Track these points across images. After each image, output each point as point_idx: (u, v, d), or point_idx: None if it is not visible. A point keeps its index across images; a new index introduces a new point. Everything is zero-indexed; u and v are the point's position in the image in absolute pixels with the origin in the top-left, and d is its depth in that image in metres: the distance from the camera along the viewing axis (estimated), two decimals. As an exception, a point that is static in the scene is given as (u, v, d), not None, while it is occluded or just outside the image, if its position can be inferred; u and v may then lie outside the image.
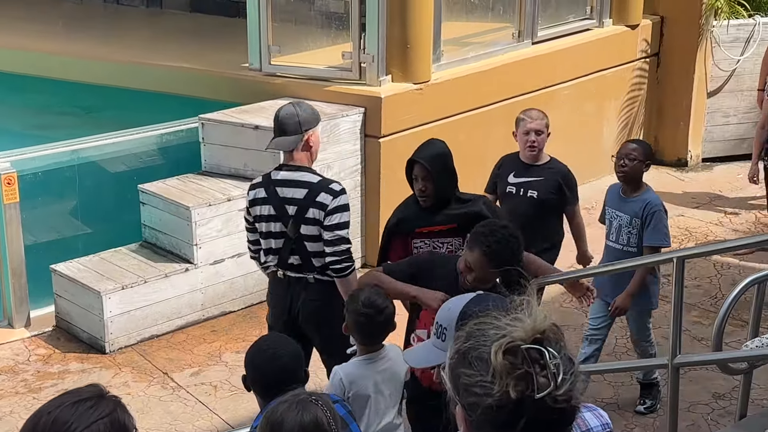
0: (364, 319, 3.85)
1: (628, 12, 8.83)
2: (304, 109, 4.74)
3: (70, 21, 9.99)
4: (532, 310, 1.73)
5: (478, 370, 1.71)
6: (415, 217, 4.67)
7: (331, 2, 7.65)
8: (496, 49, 7.97)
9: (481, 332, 1.75)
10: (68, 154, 6.73)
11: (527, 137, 5.46)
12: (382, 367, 3.91)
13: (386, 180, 6.94)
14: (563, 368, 1.68)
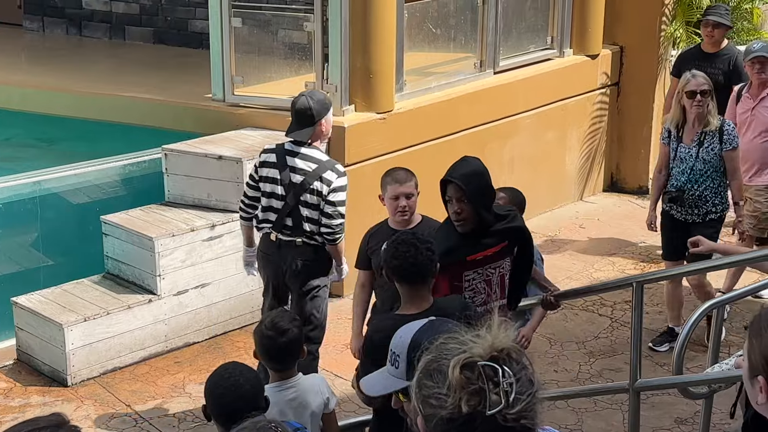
0: (267, 341, 3.86)
1: (588, 42, 8.96)
2: (317, 101, 5.38)
3: (33, 52, 9.97)
4: (494, 329, 1.76)
5: (437, 383, 1.75)
6: (462, 244, 4.24)
7: (293, 33, 7.70)
8: (458, 79, 8.05)
9: (445, 346, 1.79)
10: (29, 186, 6.70)
11: (396, 202, 4.91)
12: (290, 396, 3.86)
13: (350, 208, 6.94)
14: (518, 388, 1.71)
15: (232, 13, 7.38)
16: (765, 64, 6.76)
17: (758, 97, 6.85)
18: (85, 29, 10.20)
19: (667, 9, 9.17)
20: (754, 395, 2.08)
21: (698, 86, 6.06)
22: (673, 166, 6.21)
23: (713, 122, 6.09)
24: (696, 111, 6.07)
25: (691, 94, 6.07)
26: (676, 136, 6.20)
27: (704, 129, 6.09)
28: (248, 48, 7.57)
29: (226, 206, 6.70)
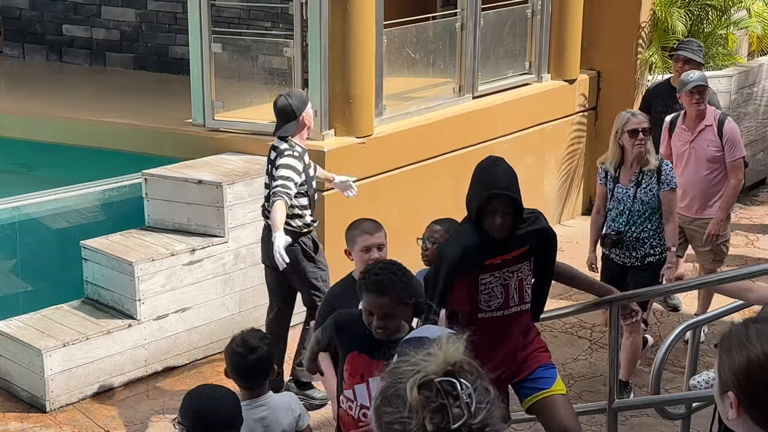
0: (237, 358, 3.88)
1: (565, 67, 9.04)
2: (295, 97, 5.91)
3: (13, 78, 9.97)
4: (444, 344, 1.77)
5: (397, 407, 1.75)
6: (484, 246, 4.13)
7: (273, 58, 7.73)
8: (437, 104, 8.10)
9: (398, 370, 1.80)
10: (8, 212, 6.69)
11: (368, 255, 4.65)
12: (259, 415, 3.85)
13: (330, 232, 6.97)
14: (477, 398, 1.73)
15: (213, 38, 7.42)
16: (704, 93, 6.57)
17: (696, 129, 6.62)
18: (65, 55, 10.22)
19: (643, 34, 9.27)
20: (725, 411, 2.10)
21: (640, 124, 5.84)
22: (611, 208, 6.01)
23: (652, 161, 5.88)
24: (637, 150, 5.84)
25: (633, 132, 5.83)
26: (613, 176, 5.99)
27: (642, 168, 5.88)
28: (228, 73, 7.60)
29: (206, 230, 6.71)
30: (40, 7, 10.17)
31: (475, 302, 4.20)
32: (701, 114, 6.60)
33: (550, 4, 8.86)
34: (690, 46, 7.30)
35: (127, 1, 9.81)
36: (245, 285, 6.87)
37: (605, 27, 9.24)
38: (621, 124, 5.93)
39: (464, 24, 8.20)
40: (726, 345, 2.10)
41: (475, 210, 4.07)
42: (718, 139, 6.57)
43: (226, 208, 6.65)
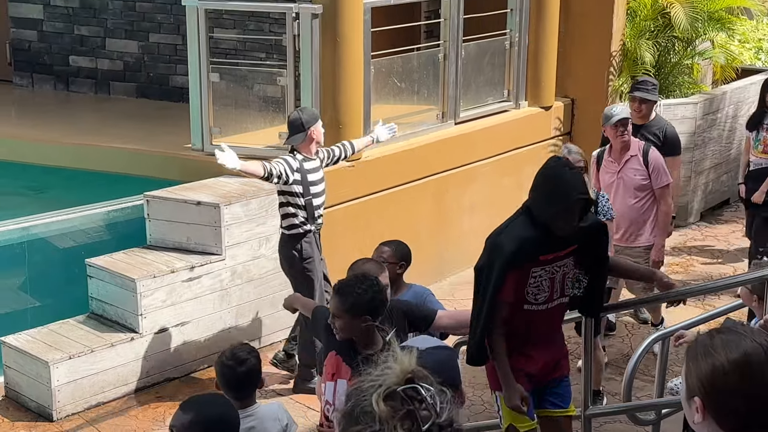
0: (227, 371, 3.87)
1: (541, 95, 9.09)
2: (306, 113, 6.19)
3: (22, 106, 9.96)
4: (398, 356, 1.78)
5: (366, 423, 1.75)
6: (540, 242, 4.05)
7: (268, 87, 7.75)
8: (422, 129, 8.13)
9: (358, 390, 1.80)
10: (18, 232, 6.67)
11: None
12: (248, 424, 3.81)
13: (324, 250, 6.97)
14: (439, 398, 1.74)
15: (211, 68, 7.44)
16: (627, 125, 6.43)
17: (622, 160, 6.48)
18: (72, 85, 10.21)
19: (614, 64, 9.33)
20: (690, 415, 2.11)
21: (575, 162, 5.58)
22: None
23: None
24: None
25: None
26: None
27: None
28: (225, 101, 7.61)
29: (204, 249, 6.70)
30: (49, 39, 10.18)
31: (522, 295, 4.09)
32: (626, 145, 6.47)
33: (526, 36, 8.91)
34: (645, 86, 7.12)
35: (130, 33, 9.82)
36: (241, 300, 6.86)
37: (578, 57, 9.30)
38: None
39: (447, 55, 8.23)
40: (693, 353, 2.11)
41: (551, 213, 3.97)
42: (644, 167, 6.45)
43: (223, 227, 6.65)
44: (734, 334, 2.08)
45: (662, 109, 9.35)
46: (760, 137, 7.73)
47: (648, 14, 9.48)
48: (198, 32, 7.30)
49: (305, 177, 6.09)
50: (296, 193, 6.07)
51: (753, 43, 12.55)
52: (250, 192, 6.92)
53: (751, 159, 7.79)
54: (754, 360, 2.02)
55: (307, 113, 6.18)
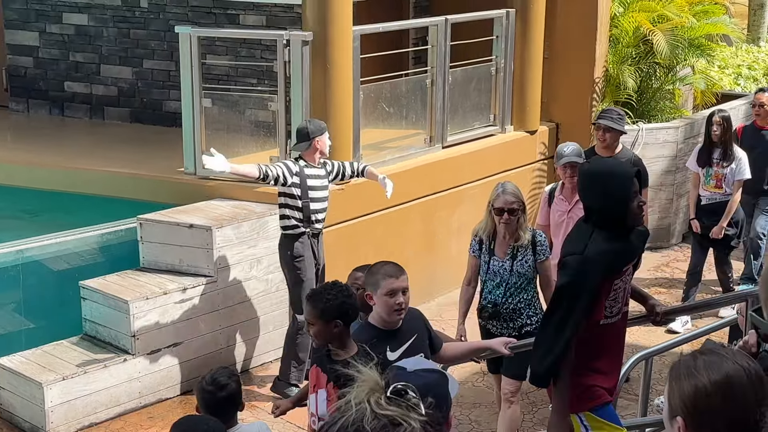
0: (207, 396, 3.86)
1: (527, 119, 9.12)
2: (313, 124, 6.38)
3: (18, 131, 9.94)
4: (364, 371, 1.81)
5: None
6: (623, 252, 4.01)
7: (259, 112, 7.75)
8: (410, 153, 8.14)
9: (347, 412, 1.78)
10: (12, 254, 6.63)
11: (393, 299, 4.05)
12: None
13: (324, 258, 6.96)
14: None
15: (203, 94, 7.44)
16: (576, 168, 5.99)
17: (573, 199, 6.11)
18: (67, 110, 10.20)
19: (597, 89, 9.38)
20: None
21: (506, 204, 5.32)
22: (486, 279, 5.48)
23: (524, 236, 5.39)
24: (504, 228, 5.38)
25: (499, 211, 5.34)
26: (488, 248, 5.48)
27: (516, 243, 5.40)
28: (218, 126, 7.61)
29: (196, 271, 6.67)
30: (44, 65, 10.18)
31: (601, 309, 4.04)
32: (576, 186, 6.00)
33: (512, 62, 8.95)
34: (610, 114, 6.77)
35: (124, 60, 9.82)
36: (233, 321, 6.83)
37: (563, 83, 9.34)
38: (492, 197, 5.42)
39: (434, 81, 8.26)
40: (675, 373, 2.11)
41: (624, 209, 3.97)
42: None
43: (215, 250, 6.63)
44: (717, 355, 2.08)
45: (644, 133, 9.40)
46: (710, 173, 7.65)
47: (630, 41, 9.55)
48: (191, 59, 7.31)
49: (304, 181, 6.29)
50: (294, 195, 6.30)
51: (732, 68, 12.65)
52: (242, 215, 6.91)
53: (702, 194, 7.68)
54: (735, 382, 2.02)
55: (314, 124, 6.38)
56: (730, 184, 7.61)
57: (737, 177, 7.58)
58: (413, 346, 4.08)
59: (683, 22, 9.56)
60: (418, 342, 4.12)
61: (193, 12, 9.30)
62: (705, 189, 7.70)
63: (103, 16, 9.75)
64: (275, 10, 8.90)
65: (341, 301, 3.84)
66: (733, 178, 7.59)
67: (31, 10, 10.05)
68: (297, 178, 6.26)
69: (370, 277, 4.16)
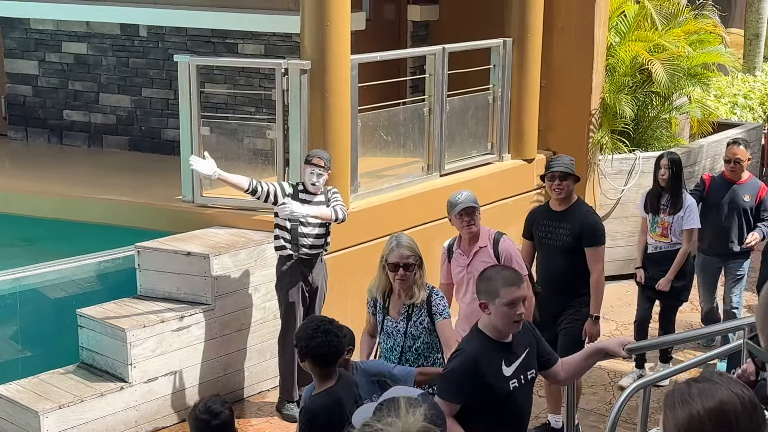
0: (201, 424, 3.88)
1: (524, 148, 9.16)
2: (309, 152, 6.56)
3: (16, 159, 9.97)
4: (402, 412, 1.76)
5: None
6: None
7: (257, 140, 7.79)
8: (408, 181, 8.17)
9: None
10: (10, 282, 6.63)
11: (513, 310, 3.87)
12: None
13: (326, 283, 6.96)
14: None
15: (201, 122, 7.48)
16: (473, 215, 5.59)
17: (471, 252, 5.65)
18: (65, 138, 10.24)
19: (594, 118, 9.43)
20: (669, 462, 2.11)
21: (401, 259, 4.90)
22: (381, 341, 5.11)
23: (420, 295, 4.93)
24: (399, 284, 4.93)
25: (393, 267, 4.91)
26: (382, 307, 5.04)
27: (411, 302, 4.95)
28: (216, 154, 7.57)
29: (194, 299, 6.68)
30: (43, 94, 10.23)
31: None
32: (474, 236, 5.64)
33: (509, 91, 9.01)
34: (562, 160, 6.21)
35: (123, 88, 9.88)
36: (230, 349, 6.82)
37: (560, 112, 9.40)
38: (386, 251, 4.95)
39: (432, 109, 8.31)
40: (671, 402, 2.12)
41: None
42: (495, 259, 5.55)
43: (213, 277, 6.64)
44: (711, 383, 2.09)
45: (641, 161, 9.43)
46: (657, 219, 7.12)
47: (627, 70, 9.61)
48: (189, 87, 7.36)
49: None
50: (287, 229, 6.42)
51: (728, 98, 12.72)
52: (240, 243, 6.92)
53: (649, 242, 7.17)
54: (729, 409, 2.03)
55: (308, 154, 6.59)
56: (677, 233, 7.06)
57: (685, 226, 7.02)
58: (526, 360, 3.91)
59: (680, 51, 9.63)
60: (530, 355, 3.96)
61: (191, 41, 9.36)
62: (651, 237, 7.17)
63: (102, 45, 9.81)
64: (274, 39, 8.96)
65: (316, 343, 4.06)
66: (680, 228, 7.04)
67: (30, 39, 10.12)
68: (288, 200, 6.37)
69: (485, 284, 3.86)
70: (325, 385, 4.10)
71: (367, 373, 4.57)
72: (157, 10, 9.27)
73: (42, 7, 9.74)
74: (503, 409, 3.81)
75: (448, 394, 3.82)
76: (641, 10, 9.91)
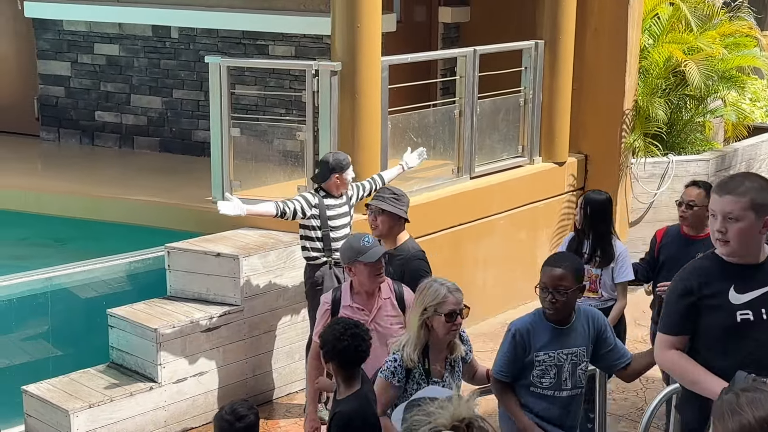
0: (225, 425, 3.91)
1: (555, 151, 9.12)
2: (335, 159, 6.45)
3: (49, 160, 10.09)
4: (455, 400, 1.81)
5: None
6: None
7: (287, 141, 7.83)
8: (437, 184, 8.17)
9: (414, 418, 1.89)
10: (41, 282, 6.71)
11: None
12: None
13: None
14: None
15: (232, 123, 7.52)
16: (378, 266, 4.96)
17: (374, 307, 5.04)
18: (97, 139, 10.34)
19: (627, 121, 9.38)
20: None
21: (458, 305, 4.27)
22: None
23: (459, 345, 4.48)
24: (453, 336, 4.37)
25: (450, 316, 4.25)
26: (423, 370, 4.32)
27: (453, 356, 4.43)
28: (246, 155, 7.68)
29: (223, 300, 6.72)
30: (75, 95, 10.34)
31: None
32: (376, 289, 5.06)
33: (540, 93, 8.98)
34: (383, 194, 5.68)
35: (154, 90, 9.97)
36: (258, 351, 6.86)
37: (592, 114, 9.35)
38: (430, 299, 4.21)
39: (462, 111, 8.30)
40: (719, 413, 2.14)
41: None
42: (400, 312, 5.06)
43: (242, 279, 6.68)
44: (759, 392, 2.10)
45: (674, 165, 9.37)
46: None
47: (660, 73, 9.55)
48: (220, 89, 7.40)
49: (323, 212, 6.39)
50: (313, 227, 6.41)
51: (764, 101, 12.60)
52: (269, 244, 6.95)
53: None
54: None
55: (336, 160, 6.44)
56: (609, 288, 5.97)
57: (619, 279, 5.93)
58: None
59: (715, 53, 9.55)
60: None
61: (222, 42, 9.42)
62: None
63: (134, 46, 9.90)
64: (304, 41, 9.00)
65: (343, 346, 4.07)
66: (611, 282, 5.97)
67: (63, 41, 10.24)
68: (316, 210, 6.38)
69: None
70: (351, 388, 4.10)
71: None
72: (188, 12, 9.35)
73: (74, 9, 9.85)
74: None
75: None
76: (675, 11, 9.84)
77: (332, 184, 6.46)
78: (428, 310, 4.20)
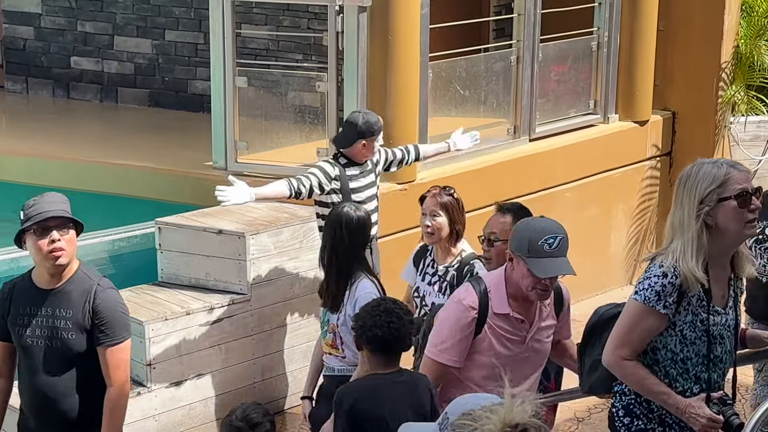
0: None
1: (635, 107, 9.08)
2: (366, 121, 6.34)
3: (15, 116, 10.17)
4: (507, 403, 1.84)
5: None
6: None
7: (305, 95, 7.84)
8: (489, 147, 8.15)
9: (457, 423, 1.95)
10: (6, 263, 6.78)
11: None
12: None
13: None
14: None
15: (237, 72, 7.53)
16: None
17: (536, 317, 4.50)
18: (73, 91, 10.42)
19: (725, 71, 9.29)
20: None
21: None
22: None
23: None
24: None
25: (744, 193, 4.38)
26: (703, 297, 4.09)
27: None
28: (254, 111, 7.71)
29: (226, 287, 6.76)
30: (47, 37, 10.41)
31: None
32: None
33: (618, 35, 8.93)
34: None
35: (142, 31, 10.01)
36: (269, 350, 6.90)
37: (682, 62, 9.29)
38: (712, 183, 3.93)
39: (520, 57, 8.28)
40: None
41: None
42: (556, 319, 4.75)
43: (249, 261, 6.71)
44: None
45: (784, 126, 9.27)
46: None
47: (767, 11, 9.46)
48: (223, 29, 7.42)
49: (345, 184, 6.33)
50: (333, 202, 6.25)
51: None
52: (282, 219, 6.98)
53: None
54: None
55: (366, 122, 6.35)
56: None
57: None
58: None
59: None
60: None
61: (226, -28, 9.43)
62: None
63: (118, -23, 9.95)
64: (326, -29, 9.00)
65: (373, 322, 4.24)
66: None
67: (32, -30, 10.31)
68: (336, 183, 6.32)
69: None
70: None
71: None
72: (184, -65, 9.37)
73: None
74: None
75: None
76: (788, -66, 9.72)
77: (357, 151, 6.41)
78: (709, 197, 3.79)
